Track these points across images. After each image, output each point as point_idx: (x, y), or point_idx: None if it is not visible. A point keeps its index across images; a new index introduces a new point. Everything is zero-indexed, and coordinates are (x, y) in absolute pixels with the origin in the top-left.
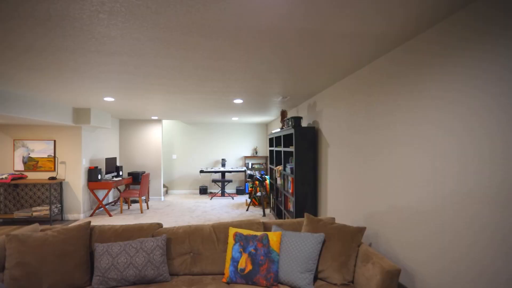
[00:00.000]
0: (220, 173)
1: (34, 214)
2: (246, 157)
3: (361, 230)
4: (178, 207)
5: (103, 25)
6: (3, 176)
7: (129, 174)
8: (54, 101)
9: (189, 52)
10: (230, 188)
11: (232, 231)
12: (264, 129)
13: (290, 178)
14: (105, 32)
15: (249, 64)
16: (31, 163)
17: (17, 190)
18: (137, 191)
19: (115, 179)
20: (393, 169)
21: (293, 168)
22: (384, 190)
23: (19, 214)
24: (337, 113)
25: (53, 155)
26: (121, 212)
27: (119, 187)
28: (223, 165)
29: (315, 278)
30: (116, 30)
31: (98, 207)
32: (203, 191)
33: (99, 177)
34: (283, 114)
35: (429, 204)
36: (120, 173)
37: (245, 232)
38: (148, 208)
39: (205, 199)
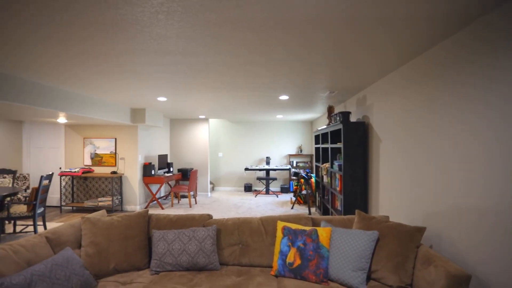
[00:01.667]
0: (264, 171)
1: (100, 204)
2: (290, 155)
3: (420, 230)
4: (224, 203)
5: (161, 26)
6: (75, 170)
7: (178, 170)
8: (115, 102)
9: (237, 48)
10: (274, 186)
11: (280, 224)
12: (309, 127)
13: (337, 176)
14: (162, 33)
15: (297, 57)
16: (97, 159)
17: (86, 182)
18: (186, 187)
19: (166, 174)
20: (458, 164)
21: (341, 165)
22: (448, 187)
23: (88, 203)
24: (390, 106)
25: (114, 151)
26: (171, 205)
27: (169, 182)
28: (268, 163)
29: (368, 278)
30: (172, 30)
31: (152, 200)
32: (248, 188)
33: (153, 172)
34: (330, 109)
35: (509, 203)
36: (171, 169)
37: (293, 226)
38: (196, 203)
39: (249, 196)
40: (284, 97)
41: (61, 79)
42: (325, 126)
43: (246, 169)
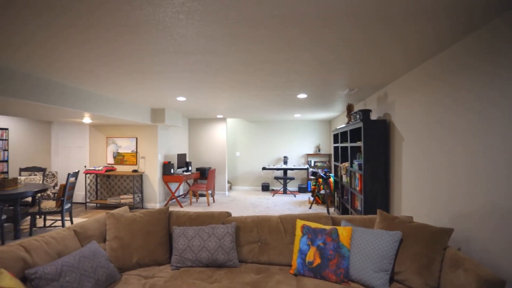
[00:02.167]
0: (282, 171)
1: (122, 201)
2: (308, 155)
3: (447, 232)
4: (241, 202)
5: (181, 25)
6: (99, 168)
7: (197, 169)
8: (136, 102)
9: (256, 46)
10: (292, 186)
11: (299, 223)
12: (327, 126)
13: (357, 175)
14: (183, 32)
15: (316, 55)
16: (119, 158)
17: (109, 180)
18: (205, 185)
19: (185, 173)
20: (487, 164)
21: (362, 164)
22: (477, 187)
23: (110, 200)
24: (414, 103)
25: (135, 150)
26: (190, 204)
27: (188, 181)
28: (285, 162)
29: (391, 280)
30: (192, 29)
31: (171, 198)
32: (265, 188)
33: (172, 171)
34: (349, 108)
35: None
36: (189, 168)
37: (313, 225)
38: (214, 202)
39: (267, 195)
40: (302, 96)
41: (86, 80)
42: (344, 125)
43: (264, 168)
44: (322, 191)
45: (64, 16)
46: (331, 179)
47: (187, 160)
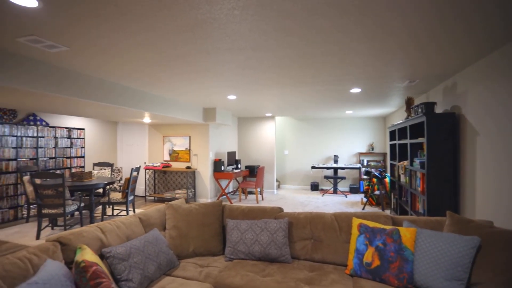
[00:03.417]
0: (332, 170)
1: (176, 196)
2: (360, 154)
3: None
4: (290, 201)
5: (236, 22)
6: (157, 164)
7: (246, 167)
8: (189, 102)
9: (309, 38)
10: (342, 186)
11: (356, 221)
12: (382, 123)
13: (419, 174)
14: (236, 29)
15: (374, 43)
16: (174, 155)
17: (165, 175)
18: (254, 183)
19: (235, 170)
20: None
21: (425, 163)
22: None
23: (166, 195)
24: (493, 93)
25: (188, 148)
26: (239, 200)
27: (237, 178)
28: (336, 161)
29: None
30: (246, 25)
31: (222, 194)
32: (314, 187)
33: (222, 168)
34: (409, 101)
35: None
36: (239, 165)
37: (370, 224)
38: (263, 200)
39: (316, 195)
40: (355, 90)
41: (147, 82)
42: (402, 120)
43: (313, 167)
44: (377, 192)
45: (131, 22)
46: (387, 179)
47: (237, 158)
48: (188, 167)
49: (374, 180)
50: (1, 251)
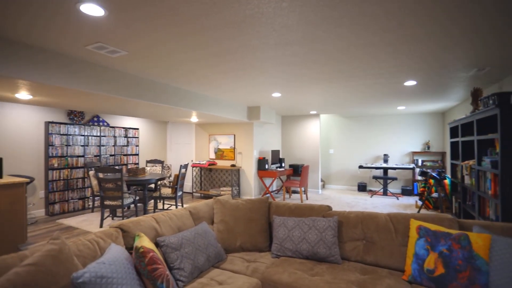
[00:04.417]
0: (382, 170)
1: (221, 193)
2: (414, 153)
3: None
4: (336, 201)
5: (283, 15)
6: (203, 162)
7: (290, 166)
8: (234, 101)
9: (359, 27)
10: (393, 187)
11: (414, 223)
12: (440, 119)
13: (489, 175)
14: (284, 22)
15: (432, 27)
16: (219, 153)
17: (211, 173)
18: (298, 182)
19: (278, 169)
20: None
21: (498, 162)
22: None
23: (212, 191)
24: None
25: (233, 146)
26: (283, 199)
27: (281, 177)
28: (385, 161)
29: None
30: (294, 17)
31: (265, 193)
32: (362, 188)
33: (266, 166)
34: (476, 93)
35: None
36: (283, 164)
37: (432, 227)
38: (307, 199)
39: (364, 196)
40: (410, 83)
41: (195, 82)
42: (465, 115)
43: (361, 167)
44: (434, 194)
45: (182, 23)
46: (446, 181)
47: (281, 156)
48: (233, 165)
49: (431, 181)
50: (73, 236)
